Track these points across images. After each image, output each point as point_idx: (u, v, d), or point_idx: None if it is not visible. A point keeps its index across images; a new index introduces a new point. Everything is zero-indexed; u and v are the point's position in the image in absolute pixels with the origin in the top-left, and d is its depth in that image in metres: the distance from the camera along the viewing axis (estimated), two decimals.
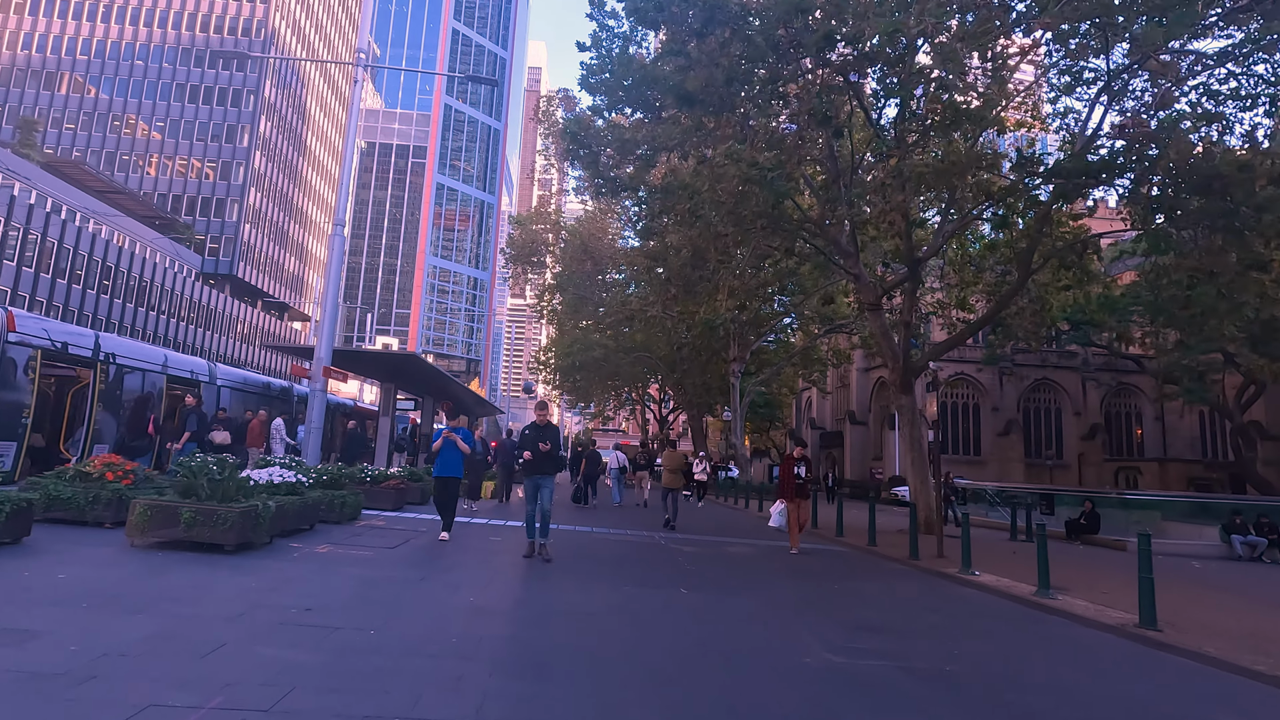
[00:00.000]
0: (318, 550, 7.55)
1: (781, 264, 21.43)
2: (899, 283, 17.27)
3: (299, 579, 6.00)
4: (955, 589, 9.06)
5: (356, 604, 5.30)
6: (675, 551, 10.28)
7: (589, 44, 16.12)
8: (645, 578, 7.76)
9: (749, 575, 8.75)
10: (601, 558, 9.11)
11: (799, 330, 36.96)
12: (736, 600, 6.87)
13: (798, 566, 9.89)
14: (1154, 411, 48.06)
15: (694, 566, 8.87)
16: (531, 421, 8.63)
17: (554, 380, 44.33)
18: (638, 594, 6.73)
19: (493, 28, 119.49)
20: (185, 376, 16.47)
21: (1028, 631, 6.74)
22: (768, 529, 15.53)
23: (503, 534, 10.53)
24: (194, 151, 61.77)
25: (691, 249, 14.73)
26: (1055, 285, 18.51)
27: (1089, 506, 18.37)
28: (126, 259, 47.11)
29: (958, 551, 12.41)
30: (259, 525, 7.17)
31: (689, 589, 7.19)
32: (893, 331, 18.44)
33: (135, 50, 62.64)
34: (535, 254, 33.87)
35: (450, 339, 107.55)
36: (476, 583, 6.69)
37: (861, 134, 17.20)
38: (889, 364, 17.75)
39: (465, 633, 4.81)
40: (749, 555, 10.74)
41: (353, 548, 7.97)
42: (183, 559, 6.41)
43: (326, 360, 15.07)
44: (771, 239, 15.36)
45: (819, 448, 59.23)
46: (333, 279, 15.65)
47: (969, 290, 19.03)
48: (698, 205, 12.06)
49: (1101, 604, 8.20)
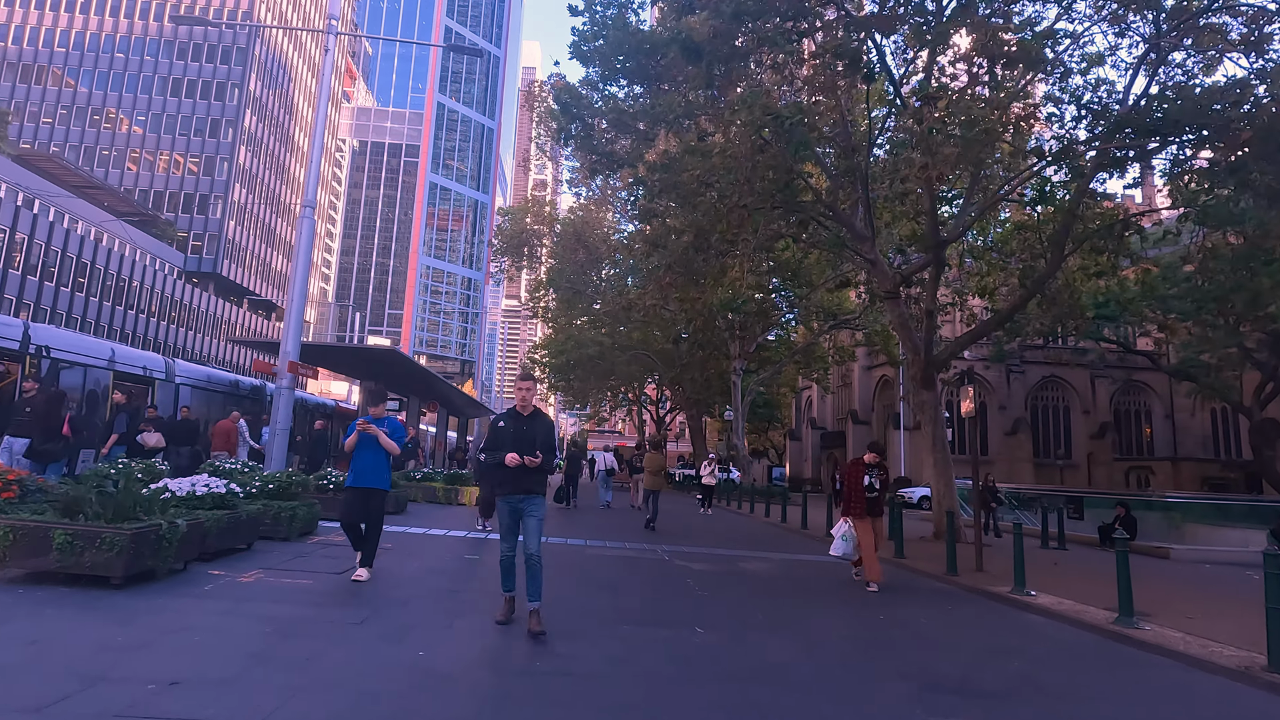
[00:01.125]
0: (241, 579, 6.06)
1: (789, 250, 20.00)
2: (921, 267, 15.86)
3: (190, 628, 4.51)
4: (1018, 617, 7.60)
5: (252, 669, 3.81)
6: (682, 570, 8.83)
7: (580, 6, 14.66)
8: (650, 610, 6.30)
9: (773, 602, 7.28)
10: (595, 581, 7.63)
11: (800, 325, 35.57)
12: (766, 643, 5.41)
13: (829, 589, 8.44)
14: (1164, 409, 46.85)
15: (706, 591, 7.41)
16: (509, 408, 5.46)
17: (548, 380, 42.78)
18: (642, 637, 5.26)
19: (486, 26, 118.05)
20: (136, 373, 14.93)
21: (1146, 683, 5.29)
22: (783, 540, 14.09)
23: (484, 550, 9.06)
24: (176, 146, 60.01)
25: (695, 231, 13.29)
26: (1085, 272, 17.15)
27: (1123, 511, 17.00)
28: (103, 256, 45.35)
29: (997, 564, 11.01)
30: (162, 550, 5.68)
31: (706, 626, 5.72)
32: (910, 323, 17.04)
33: (116, 42, 60.88)
34: (525, 245, 32.31)
35: (444, 340, 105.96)
36: (433, 625, 5.21)
37: (877, 105, 15.83)
38: (908, 357, 16.36)
39: (400, 714, 3.35)
40: (767, 574, 9.29)
41: (289, 574, 6.49)
42: (47, 598, 4.91)
43: (294, 355, 13.55)
44: (783, 220, 13.95)
45: (819, 448, 57.79)
46: (301, 265, 14.15)
47: (992, 277, 17.65)
48: (707, 173, 10.60)
49: (1199, 635, 6.77)
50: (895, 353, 38.19)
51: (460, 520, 12.67)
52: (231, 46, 61.52)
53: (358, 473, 6.46)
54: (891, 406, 47.20)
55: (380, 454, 6.48)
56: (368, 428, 6.36)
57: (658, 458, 15.93)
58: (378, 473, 6.49)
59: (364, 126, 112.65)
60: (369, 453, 6.45)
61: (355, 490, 6.46)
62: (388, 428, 6.58)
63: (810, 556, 11.62)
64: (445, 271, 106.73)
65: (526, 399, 5.38)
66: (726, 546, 12.08)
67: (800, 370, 39.40)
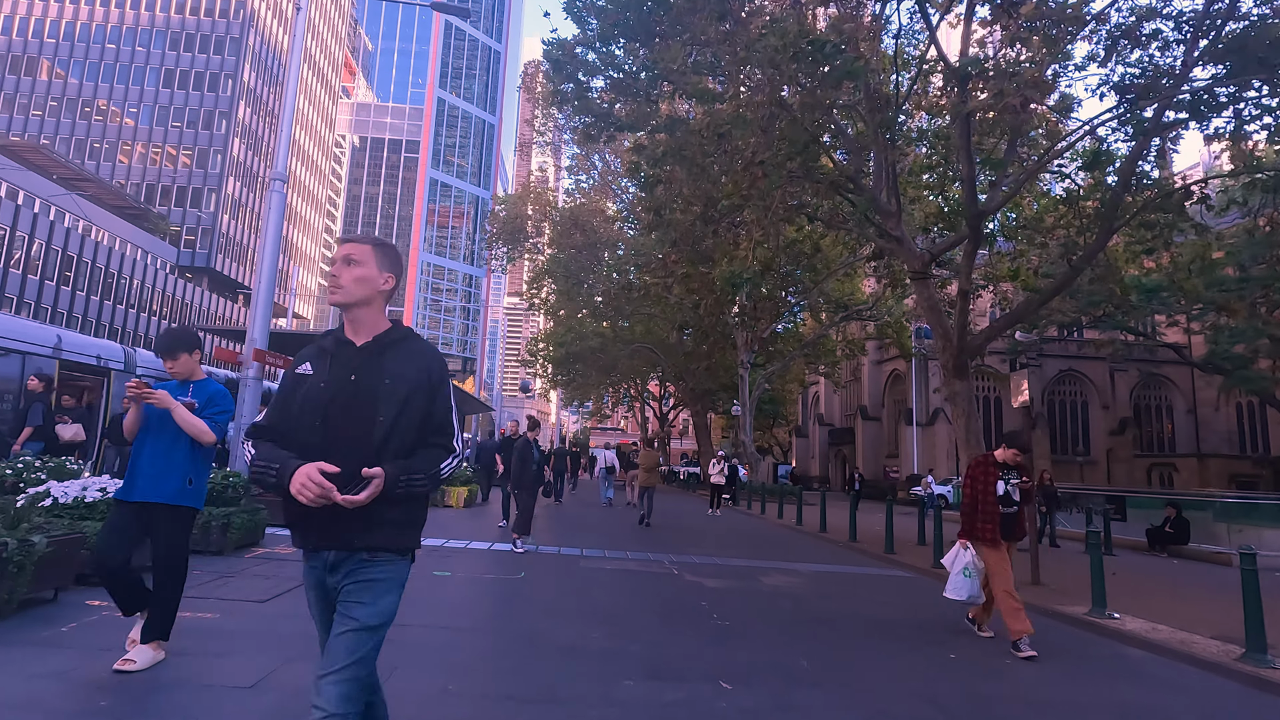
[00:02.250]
0: (121, 614, 4.62)
1: (805, 232, 18.51)
2: (955, 243, 14.36)
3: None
4: (1116, 652, 6.12)
5: None
6: (695, 588, 7.38)
7: None
8: (659, 652, 4.85)
9: (815, 636, 5.83)
10: (590, 608, 6.19)
11: (809, 317, 34.05)
12: (813, 703, 3.96)
13: (874, 614, 6.98)
14: (1186, 404, 45.22)
15: (728, 620, 5.96)
16: (329, 331, 2.44)
17: (547, 374, 41.32)
18: (649, 701, 3.82)
19: (487, 21, 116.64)
20: (88, 363, 13.52)
21: None
22: (803, 546, 12.56)
23: (456, 563, 7.63)
24: (169, 138, 58.73)
25: (703, 201, 11.84)
26: (1132, 250, 15.63)
27: (1173, 512, 15.50)
28: (91, 249, 44.07)
29: (1054, 575, 9.57)
30: (9, 576, 4.27)
31: (733, 679, 4.27)
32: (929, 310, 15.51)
33: (107, 33, 59.59)
34: (521, 231, 30.83)
35: (445, 337, 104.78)
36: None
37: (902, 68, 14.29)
38: (938, 344, 14.84)
39: None
40: (797, 592, 7.83)
41: (197, 602, 5.06)
42: None
43: (261, 342, 12.18)
44: (802, 185, 12.48)
45: (827, 445, 56.29)
46: (270, 242, 12.75)
47: (1025, 258, 16.14)
48: (717, 125, 9.13)
49: None
50: (908, 345, 36.66)
51: (442, 526, 11.24)
52: (225, 36, 60.19)
53: (132, 476, 3.63)
54: (903, 402, 45.66)
55: (178, 444, 3.62)
56: (150, 395, 3.47)
57: (652, 455, 16.16)
58: (167, 476, 3.59)
59: (364, 122, 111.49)
60: (156, 441, 3.63)
61: (122, 508, 3.64)
62: (198, 397, 3.72)
63: (841, 568, 10.16)
64: (446, 268, 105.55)
65: (353, 288, 2.10)
66: (742, 555, 10.63)
67: (809, 364, 37.88)
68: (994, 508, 5.79)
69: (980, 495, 5.87)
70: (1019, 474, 5.99)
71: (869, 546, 12.54)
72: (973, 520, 5.89)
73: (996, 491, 5.82)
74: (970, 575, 5.77)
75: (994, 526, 5.77)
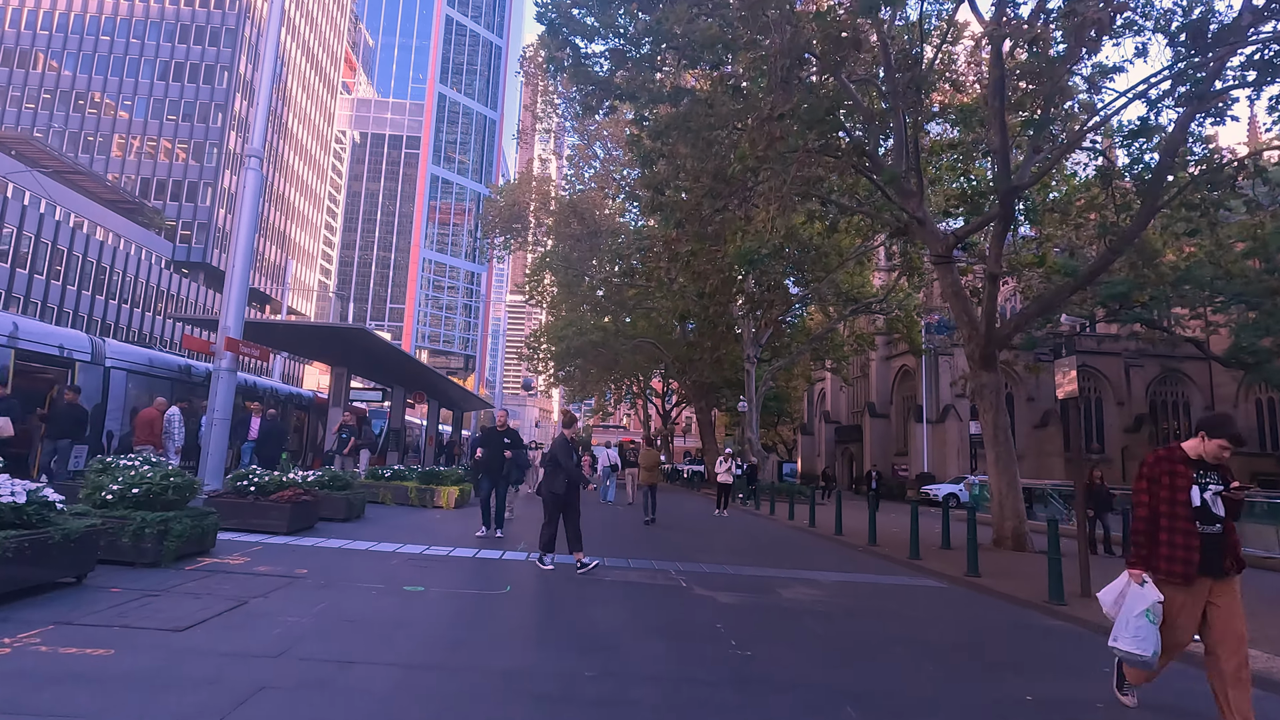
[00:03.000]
0: (2, 643, 3.65)
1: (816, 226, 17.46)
2: (982, 223, 13.32)
3: None
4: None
5: None
6: (707, 604, 6.39)
7: None
8: (668, 696, 3.85)
9: (849, 665, 4.84)
10: (587, 632, 5.20)
11: (817, 310, 33.01)
12: None
13: (915, 636, 5.99)
14: (1204, 400, 44.04)
15: (748, 648, 4.96)
16: None
17: (548, 371, 40.31)
18: None
19: (488, 15, 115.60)
20: (49, 353, 12.59)
21: None
22: (820, 550, 11.48)
23: (433, 575, 6.66)
24: (164, 131, 57.82)
25: (711, 174, 10.84)
26: (1172, 232, 14.58)
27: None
28: (82, 243, 43.17)
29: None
30: None
31: None
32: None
33: (101, 24, 58.70)
34: (520, 220, 29.80)
35: (447, 334, 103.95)
36: None
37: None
38: (963, 333, 13.82)
39: None
40: (825, 608, 6.82)
41: (92, 630, 4.08)
42: None
43: (235, 332, 11.26)
44: (819, 165, 11.48)
45: (834, 443, 55.22)
46: (245, 224, 11.86)
47: (1056, 239, 15.10)
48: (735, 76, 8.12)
49: None
50: (918, 340, 35.57)
51: (427, 530, 10.27)
52: (220, 28, 59.25)
53: None
54: (913, 398, 44.60)
55: None
56: None
57: (652, 453, 15.88)
58: None
59: (364, 118, 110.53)
60: None
61: None
62: None
63: (866, 577, 9.16)
64: (448, 265, 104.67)
65: None
66: (755, 562, 9.63)
67: (816, 360, 36.83)
68: (1188, 526, 3.82)
69: (1165, 507, 3.89)
70: (1219, 475, 3.92)
71: (891, 551, 11.55)
72: (1152, 544, 3.92)
73: (1191, 501, 3.86)
74: (1152, 622, 3.90)
75: (1190, 555, 3.80)
